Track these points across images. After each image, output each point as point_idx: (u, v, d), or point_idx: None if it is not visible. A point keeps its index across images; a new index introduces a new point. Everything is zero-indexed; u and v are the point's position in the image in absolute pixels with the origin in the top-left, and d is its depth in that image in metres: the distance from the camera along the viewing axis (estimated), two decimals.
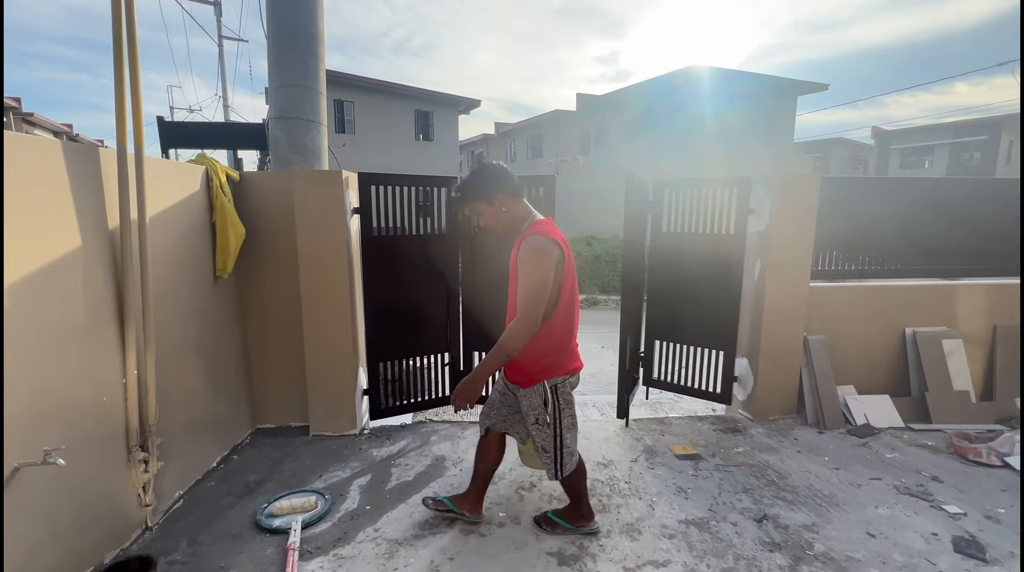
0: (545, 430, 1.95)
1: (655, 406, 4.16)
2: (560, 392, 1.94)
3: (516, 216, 1.90)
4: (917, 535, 2.19)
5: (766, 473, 2.76)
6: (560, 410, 1.95)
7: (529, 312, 1.72)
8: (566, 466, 2.00)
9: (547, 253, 1.74)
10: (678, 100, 15.37)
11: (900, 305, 3.70)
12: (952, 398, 3.50)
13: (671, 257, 3.74)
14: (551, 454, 1.97)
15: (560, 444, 1.97)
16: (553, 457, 1.98)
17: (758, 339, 3.45)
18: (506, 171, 1.90)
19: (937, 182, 3.96)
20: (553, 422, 1.94)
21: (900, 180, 4.07)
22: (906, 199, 3.77)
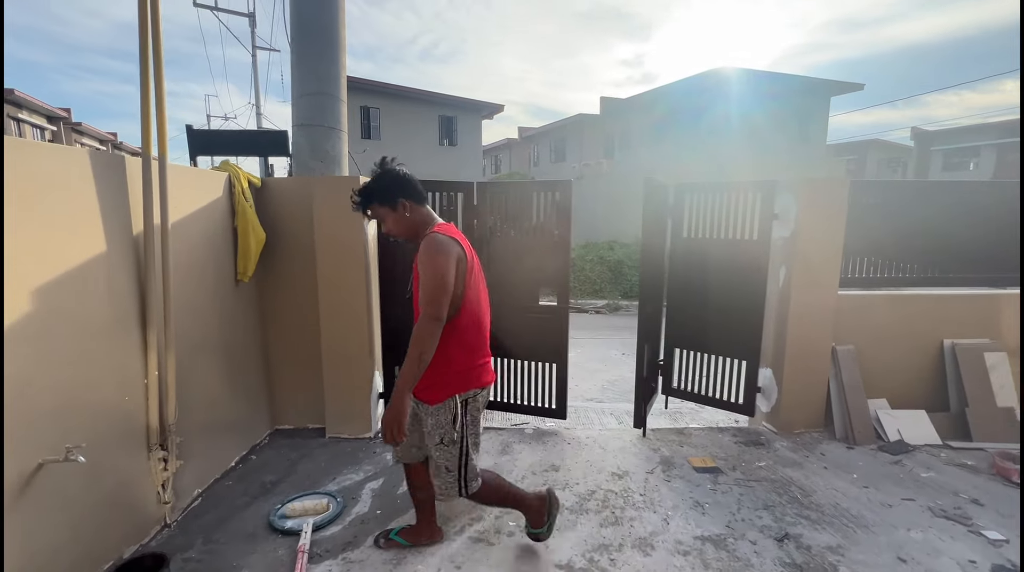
0: (450, 450, 1.83)
1: (675, 416, 4.05)
2: (470, 407, 1.83)
3: (419, 221, 1.82)
4: (953, 562, 2.05)
5: (789, 489, 2.64)
6: (466, 427, 1.83)
7: (432, 309, 1.62)
8: (470, 484, 1.88)
9: (446, 249, 1.67)
10: (705, 102, 15.08)
11: (938, 315, 3.50)
12: (995, 415, 3.29)
13: (692, 263, 3.65)
14: (454, 473, 1.85)
15: (465, 462, 1.85)
16: (457, 476, 1.85)
17: (783, 349, 3.33)
18: (409, 175, 1.83)
19: (977, 185, 3.75)
20: (460, 440, 1.82)
21: (937, 183, 3.87)
22: (944, 203, 3.58)
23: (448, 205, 3.33)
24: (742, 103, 14.92)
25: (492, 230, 3.42)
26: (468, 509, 2.44)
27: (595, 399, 4.79)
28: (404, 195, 1.79)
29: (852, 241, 3.38)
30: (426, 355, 1.63)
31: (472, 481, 1.89)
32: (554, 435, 3.38)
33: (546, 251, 3.35)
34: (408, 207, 1.79)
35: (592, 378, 5.43)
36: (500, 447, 3.16)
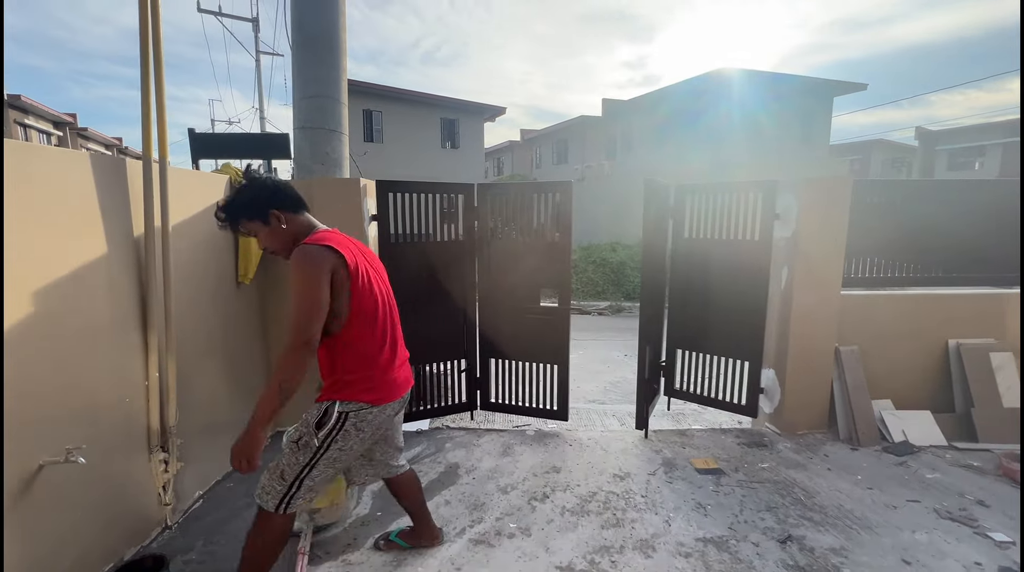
0: (298, 456, 1.60)
1: (677, 417, 4.03)
2: (349, 423, 1.60)
3: (298, 232, 1.62)
4: (958, 564, 2.03)
5: (792, 491, 2.62)
6: (332, 441, 1.59)
7: (297, 336, 1.44)
8: (293, 503, 1.62)
9: (314, 261, 1.48)
10: (707, 103, 15.06)
11: (942, 315, 3.47)
12: (1001, 416, 3.25)
13: (693, 264, 3.63)
14: (285, 484, 1.61)
15: (303, 478, 1.61)
16: (287, 488, 1.61)
17: (785, 349, 3.30)
18: (279, 182, 1.65)
19: (982, 184, 3.73)
20: (314, 452, 1.59)
21: (941, 182, 3.85)
22: (948, 202, 3.55)
23: (449, 207, 3.33)
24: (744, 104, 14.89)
25: (493, 232, 3.42)
26: (468, 511, 2.43)
27: (597, 400, 4.77)
28: (275, 205, 1.60)
29: (855, 241, 3.36)
30: (288, 385, 1.45)
31: (295, 503, 1.62)
32: (556, 437, 3.37)
33: (547, 252, 3.35)
34: (283, 218, 1.61)
35: (594, 379, 5.41)
36: (501, 449, 3.15)
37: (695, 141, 15.38)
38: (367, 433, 1.67)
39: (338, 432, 1.60)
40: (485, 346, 3.56)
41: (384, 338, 1.67)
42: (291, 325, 1.45)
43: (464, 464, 2.94)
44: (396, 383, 1.71)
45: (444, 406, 3.59)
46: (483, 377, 3.60)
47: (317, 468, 1.62)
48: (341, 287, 1.53)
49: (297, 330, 1.45)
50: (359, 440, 1.66)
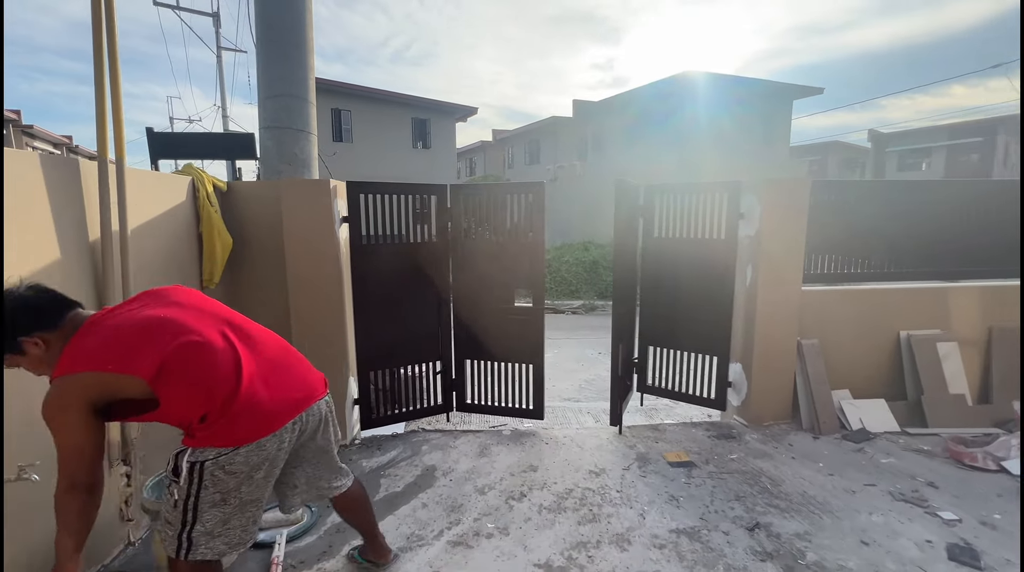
0: (172, 506, 1.39)
1: (650, 412, 4.12)
2: (209, 471, 1.34)
3: (63, 348, 1.29)
4: (911, 543, 2.16)
5: (760, 480, 2.72)
6: (199, 489, 1.35)
7: (64, 480, 1.27)
8: (196, 550, 1.38)
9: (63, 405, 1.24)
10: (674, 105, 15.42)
11: (894, 308, 3.67)
12: (948, 402, 3.47)
13: (663, 262, 3.73)
14: (174, 528, 1.39)
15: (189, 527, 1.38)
16: (176, 537, 1.39)
17: (751, 344, 3.43)
18: (30, 299, 1.32)
19: (929, 184, 3.96)
20: (184, 501, 1.37)
21: (892, 183, 4.07)
22: (898, 202, 3.76)
23: (422, 208, 3.31)
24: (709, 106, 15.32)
25: (467, 232, 3.42)
26: (446, 513, 2.43)
27: (572, 398, 4.83)
28: (33, 330, 1.31)
29: (813, 238, 3.52)
30: (73, 527, 1.29)
31: (199, 550, 1.39)
32: (532, 435, 3.39)
33: (521, 253, 3.37)
34: (43, 342, 1.31)
35: (569, 378, 5.47)
36: (478, 449, 3.15)
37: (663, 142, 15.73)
38: (246, 472, 1.38)
39: (198, 482, 1.35)
40: (460, 347, 3.56)
41: (236, 379, 1.36)
42: (60, 467, 1.28)
43: (441, 466, 2.93)
44: (272, 414, 1.42)
45: (420, 409, 3.57)
46: (459, 378, 3.59)
47: (203, 517, 1.38)
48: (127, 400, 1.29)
49: (63, 474, 1.27)
50: (240, 481, 1.38)
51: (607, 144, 18.82)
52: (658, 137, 16.00)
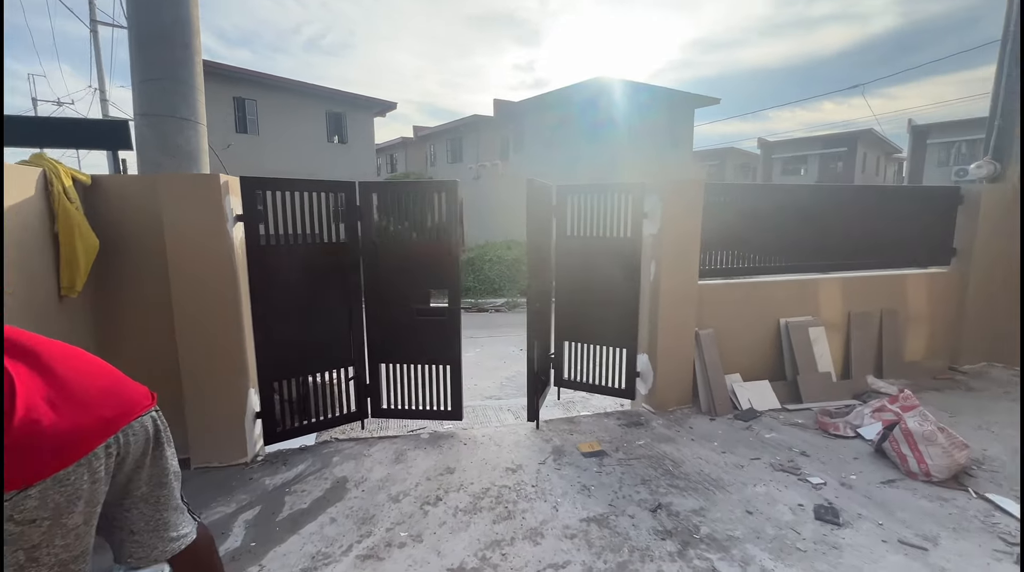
0: None
1: (568, 405, 4.26)
2: None
3: None
4: (786, 508, 2.43)
5: (663, 463, 2.91)
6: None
7: None
8: None
9: None
10: (590, 108, 16.07)
11: (775, 299, 4.11)
12: (817, 379, 3.95)
13: (576, 260, 3.86)
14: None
15: None
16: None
17: (656, 335, 3.66)
18: None
19: (802, 188, 4.46)
20: None
21: (771, 186, 4.55)
22: (778, 203, 4.20)
23: (329, 206, 3.13)
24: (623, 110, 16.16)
25: (379, 231, 3.30)
26: (356, 526, 2.32)
27: (494, 396, 4.85)
28: None
29: (707, 236, 3.83)
30: None
31: None
32: (451, 437, 3.36)
33: (435, 252, 3.31)
34: None
35: (491, 376, 5.50)
36: (394, 456, 3.06)
37: (580, 143, 16.34)
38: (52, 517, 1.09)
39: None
40: (374, 351, 3.43)
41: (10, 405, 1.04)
42: None
43: (353, 477, 2.80)
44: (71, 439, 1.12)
45: (332, 418, 3.38)
46: (373, 383, 3.46)
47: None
48: None
49: None
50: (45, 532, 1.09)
51: (528, 144, 19.17)
52: (576, 138, 16.59)
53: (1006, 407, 3.76)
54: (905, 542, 2.14)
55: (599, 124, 15.97)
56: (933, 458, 2.62)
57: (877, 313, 4.41)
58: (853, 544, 2.14)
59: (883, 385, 4.14)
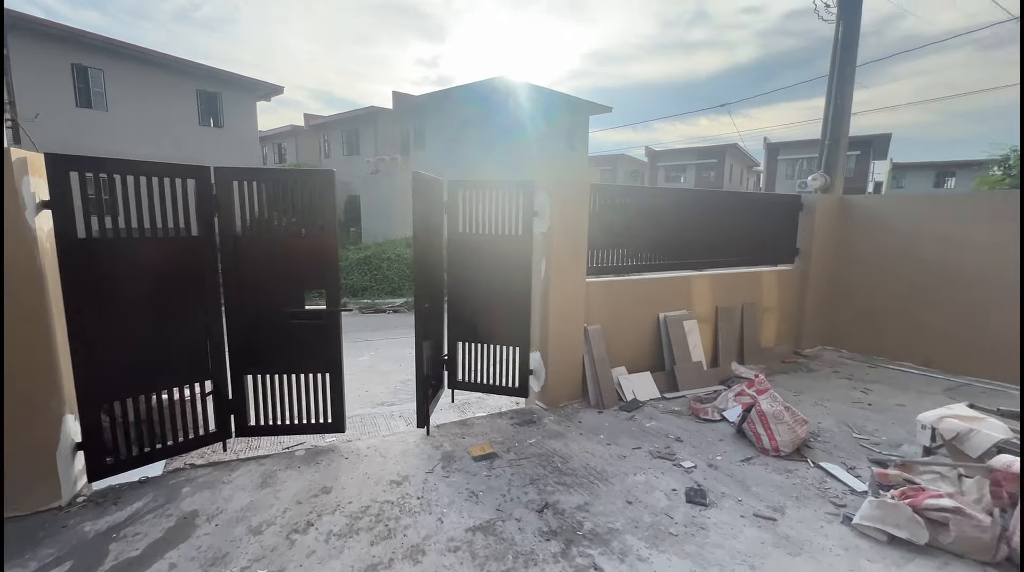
0: None
1: (463, 408, 4.15)
2: None
3: None
4: (662, 494, 2.56)
5: (552, 460, 2.93)
6: None
7: None
8: None
9: None
10: (493, 107, 16.15)
11: (656, 295, 4.40)
12: (691, 368, 4.30)
13: (469, 258, 3.76)
14: None
15: None
16: None
17: (547, 333, 3.70)
18: None
19: (680, 192, 4.82)
20: None
21: (653, 188, 4.86)
22: (655, 205, 4.50)
23: (175, 195, 2.66)
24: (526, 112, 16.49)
25: (243, 225, 2.89)
26: (203, 569, 1.98)
27: (386, 402, 4.58)
28: None
29: (595, 235, 3.96)
30: None
31: None
32: (331, 452, 3.07)
33: (309, 249, 3.00)
34: None
35: (385, 380, 5.20)
36: (260, 480, 2.70)
37: (482, 142, 16.36)
38: None
39: None
40: (238, 361, 3.01)
41: None
42: None
43: (206, 509, 2.41)
44: None
45: (185, 441, 2.90)
46: (237, 398, 3.04)
47: None
48: None
49: None
50: None
51: (430, 140, 18.76)
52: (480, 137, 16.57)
53: (835, 384, 4.41)
54: (759, 515, 2.36)
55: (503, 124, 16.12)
56: (781, 435, 2.95)
57: (739, 306, 4.92)
58: (717, 522, 2.31)
59: (744, 370, 4.63)
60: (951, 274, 4.69)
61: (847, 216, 5.46)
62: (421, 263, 3.31)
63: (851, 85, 5.67)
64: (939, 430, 2.66)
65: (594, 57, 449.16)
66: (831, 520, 2.33)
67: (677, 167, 31.39)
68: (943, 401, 3.92)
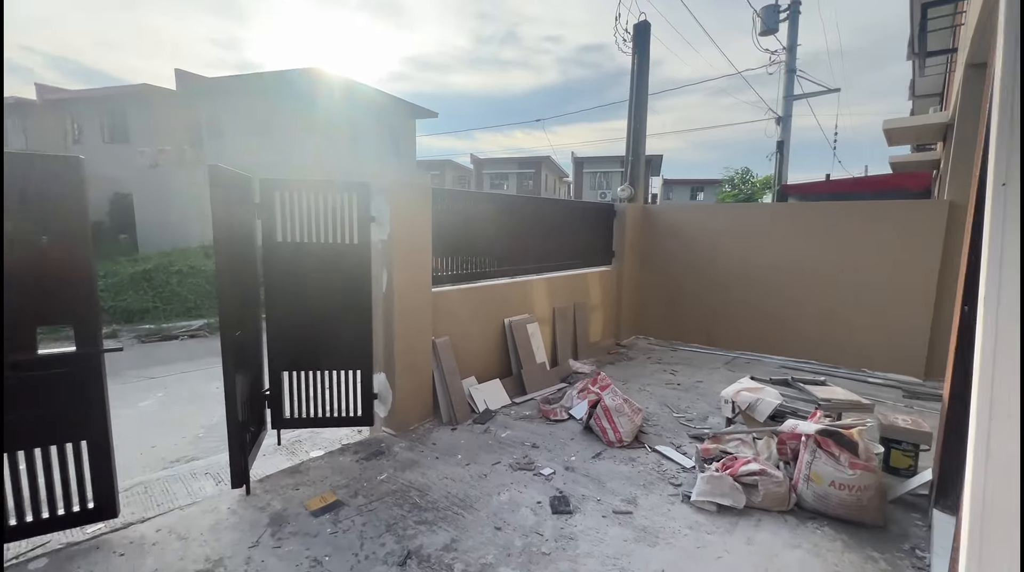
0: None
1: (294, 448, 3.50)
2: None
3: None
4: (529, 510, 2.49)
5: (409, 496, 2.62)
6: None
7: None
8: None
9: None
10: (308, 100, 14.58)
11: (500, 300, 4.40)
12: (536, 370, 4.43)
13: (293, 271, 3.17)
14: None
15: None
16: None
17: (392, 350, 3.35)
18: None
19: (518, 198, 4.93)
20: None
21: (495, 194, 4.88)
22: (500, 211, 4.51)
23: None
24: (347, 109, 15.32)
25: None
26: None
27: (185, 457, 3.61)
28: None
29: (438, 242, 3.76)
30: None
31: None
32: (95, 551, 2.20)
33: (40, 265, 2.10)
34: None
35: (180, 429, 4.11)
36: None
37: (298, 138, 14.66)
38: None
39: None
40: None
41: None
42: None
43: None
44: None
45: None
46: None
47: None
48: None
49: None
50: None
51: (230, 132, 16.03)
52: (293, 131, 14.80)
53: (651, 369, 5.05)
54: (618, 511, 2.47)
55: (322, 120, 14.69)
56: (623, 426, 3.19)
57: (572, 306, 5.29)
58: (584, 529, 2.33)
59: (579, 365, 4.98)
60: (717, 266, 5.84)
61: (648, 222, 6.37)
62: (227, 277, 2.63)
63: (645, 110, 6.63)
64: (736, 402, 3.20)
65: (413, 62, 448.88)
66: (674, 501, 2.57)
67: (500, 175, 33.39)
68: (727, 374, 4.81)
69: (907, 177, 9.97)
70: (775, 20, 11.77)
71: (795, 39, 11.98)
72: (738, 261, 5.70)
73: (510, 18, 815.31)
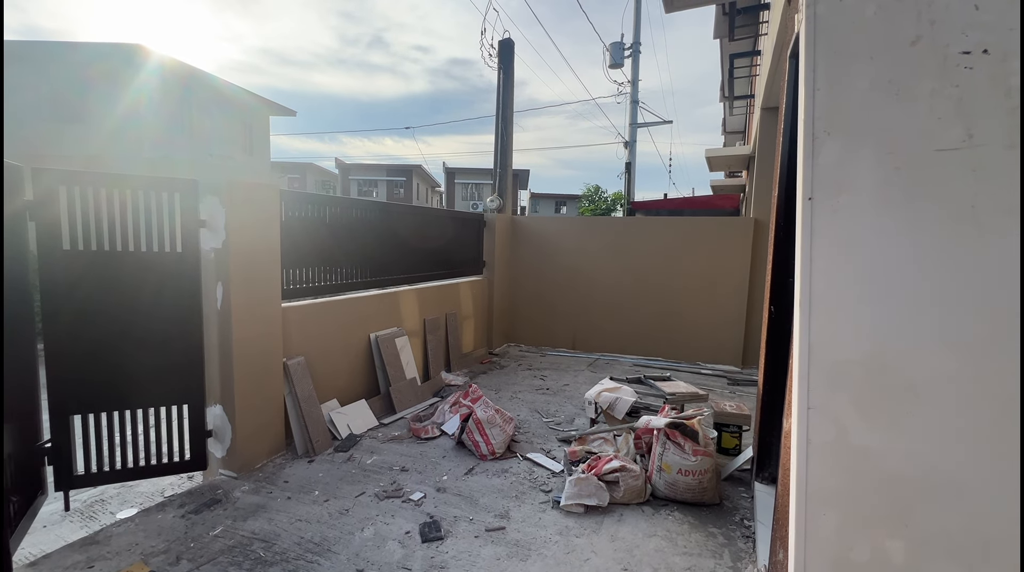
0: None
1: (93, 510, 2.77)
2: None
3: None
4: (396, 543, 2.29)
5: (251, 550, 2.22)
6: None
7: None
8: None
9: None
10: (130, 85, 12.17)
11: (366, 314, 4.08)
12: (407, 386, 4.20)
13: (88, 288, 2.51)
14: None
15: None
16: None
17: (231, 378, 2.86)
18: None
19: (380, 204, 4.64)
20: None
21: (357, 200, 4.52)
22: (361, 218, 4.19)
23: None
24: (183, 99, 13.14)
25: None
26: None
27: None
28: None
29: (287, 251, 3.34)
30: None
31: None
32: None
33: None
34: None
35: None
36: None
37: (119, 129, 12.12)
38: None
39: None
40: None
41: None
42: None
43: None
44: None
45: None
46: None
47: None
48: None
49: None
50: None
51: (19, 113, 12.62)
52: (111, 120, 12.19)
53: (522, 376, 5.16)
54: (490, 528, 2.40)
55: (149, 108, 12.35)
56: (495, 437, 3.16)
57: (443, 317, 5.17)
58: (455, 555, 2.21)
59: (452, 378, 4.87)
60: (580, 274, 6.26)
61: (517, 232, 6.57)
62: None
63: (511, 124, 6.86)
64: (598, 403, 3.39)
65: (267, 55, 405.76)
66: (544, 508, 2.59)
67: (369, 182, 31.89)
68: (591, 375, 5.13)
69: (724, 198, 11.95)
70: (621, 55, 13.27)
71: (637, 74, 13.65)
72: (597, 269, 6.17)
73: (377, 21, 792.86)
